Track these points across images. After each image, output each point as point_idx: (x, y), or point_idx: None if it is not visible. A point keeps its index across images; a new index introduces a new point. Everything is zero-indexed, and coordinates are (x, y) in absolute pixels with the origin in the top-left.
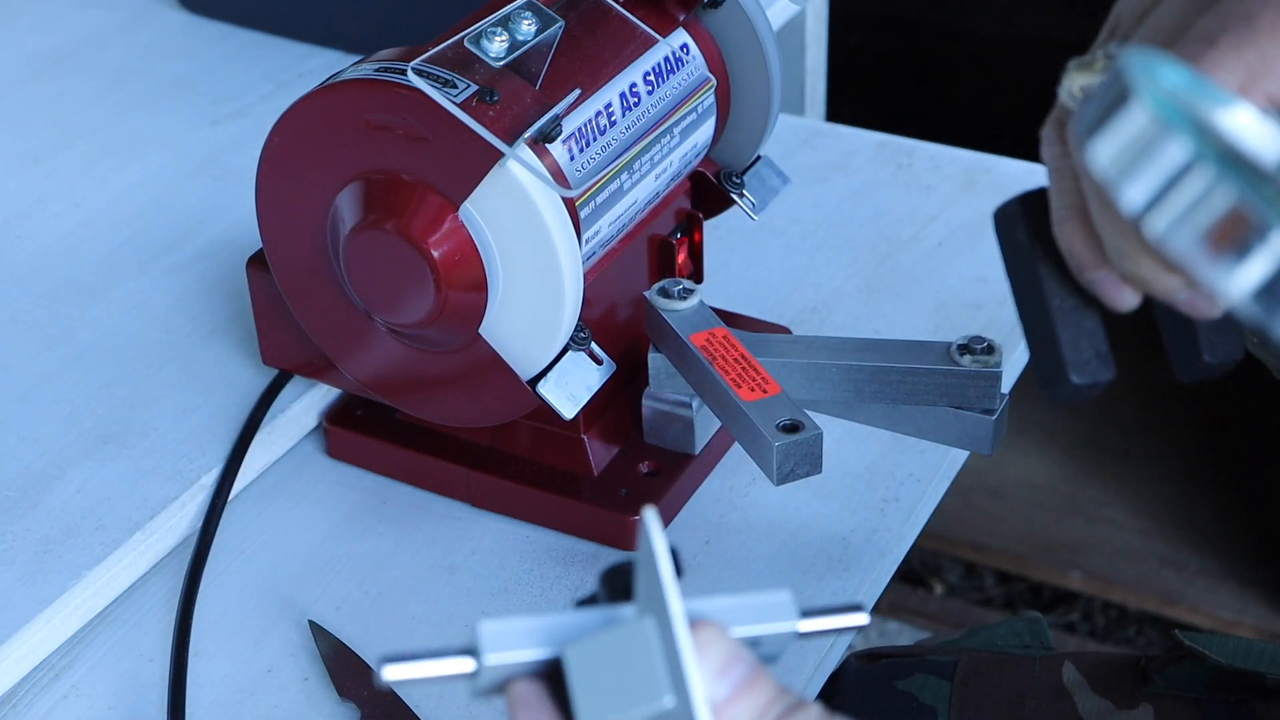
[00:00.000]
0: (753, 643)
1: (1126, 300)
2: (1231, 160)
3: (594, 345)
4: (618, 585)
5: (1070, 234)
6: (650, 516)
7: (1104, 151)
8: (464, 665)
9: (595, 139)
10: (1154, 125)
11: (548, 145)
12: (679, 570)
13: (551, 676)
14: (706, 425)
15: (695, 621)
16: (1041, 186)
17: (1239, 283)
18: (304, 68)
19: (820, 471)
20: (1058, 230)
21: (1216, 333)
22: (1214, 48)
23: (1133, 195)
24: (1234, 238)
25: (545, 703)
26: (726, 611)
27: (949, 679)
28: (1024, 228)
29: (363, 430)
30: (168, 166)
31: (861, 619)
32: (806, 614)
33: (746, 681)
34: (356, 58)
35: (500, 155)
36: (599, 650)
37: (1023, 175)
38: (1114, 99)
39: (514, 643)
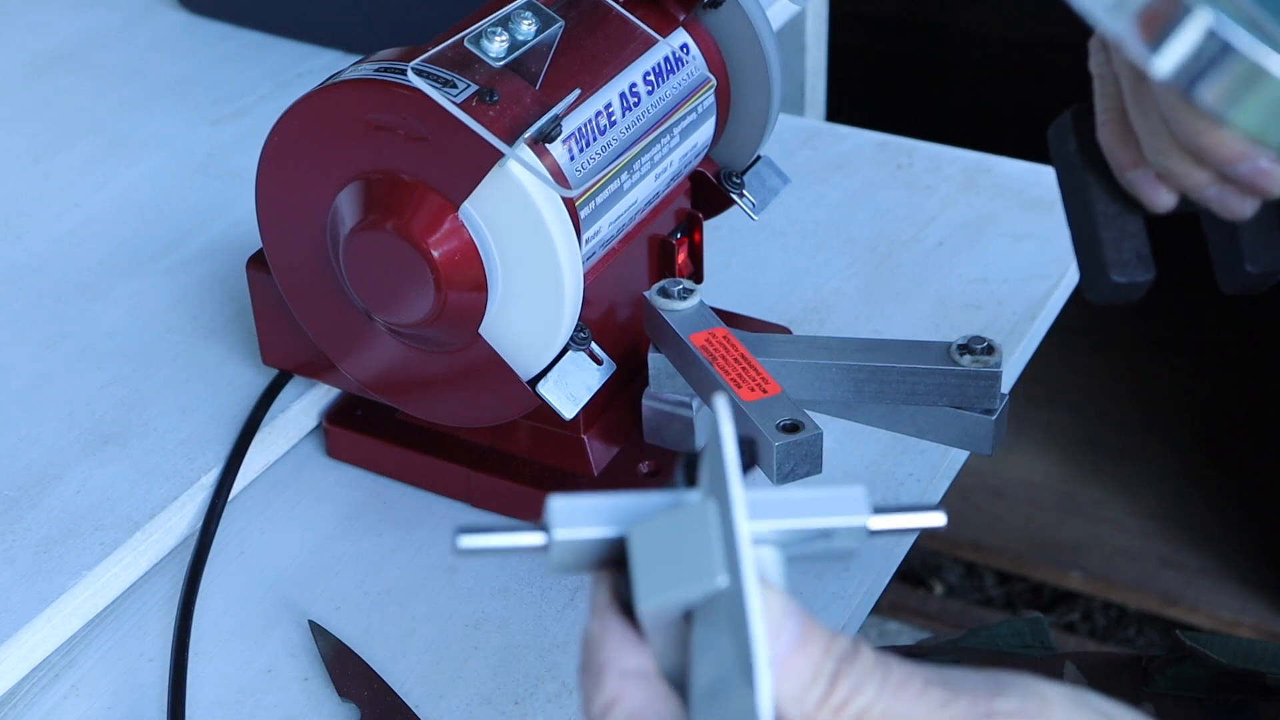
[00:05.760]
0: (824, 534)
1: (1163, 199)
2: None
3: (594, 345)
4: (695, 474)
5: (1111, 135)
6: (721, 403)
7: None
8: (535, 539)
9: (595, 139)
10: None
11: (548, 145)
12: (751, 461)
13: (621, 560)
14: (706, 425)
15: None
16: (1090, 102)
17: (1165, 61)
18: (304, 68)
19: (820, 471)
20: (1100, 133)
21: (1259, 242)
22: None
23: None
24: (1162, 20)
25: (613, 608)
26: (796, 503)
27: None
28: (1073, 138)
29: (363, 430)
30: (168, 166)
31: (939, 519)
32: (880, 510)
33: (800, 638)
34: (356, 58)
35: (500, 155)
36: (660, 530)
37: (1023, 175)
38: None
39: (582, 520)
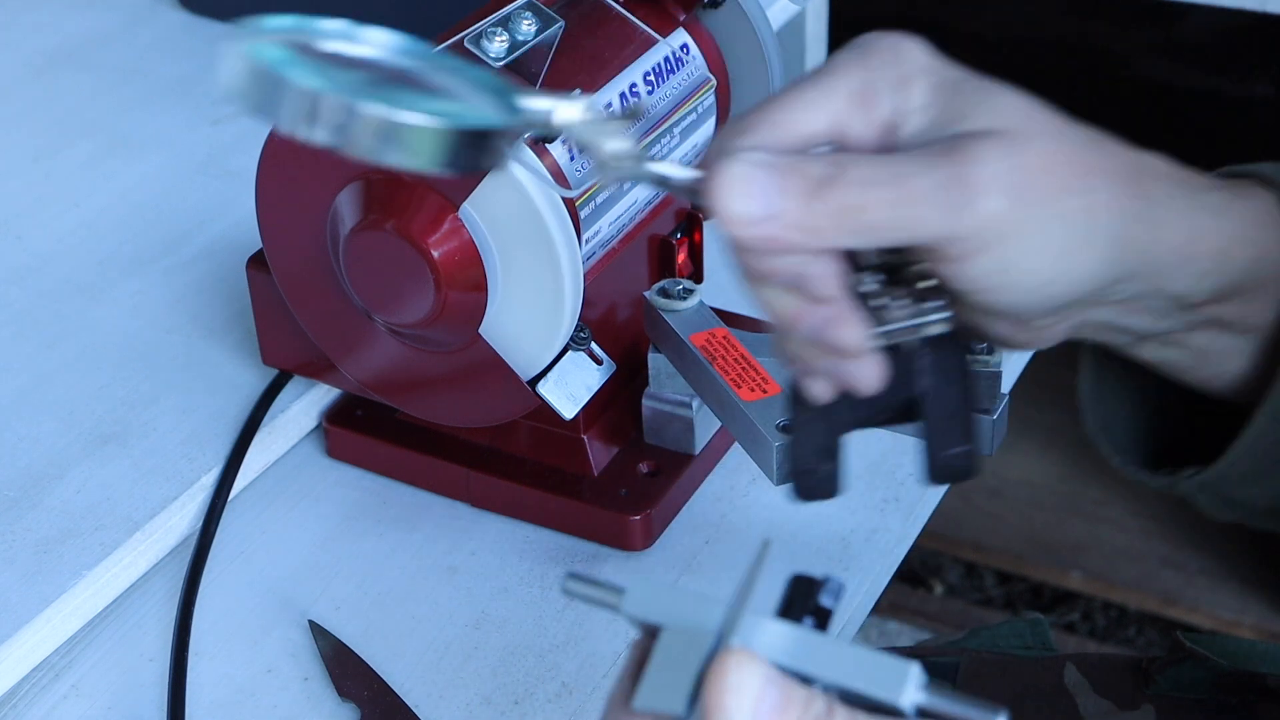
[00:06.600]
0: (845, 693)
1: (818, 389)
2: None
3: (594, 345)
4: (796, 595)
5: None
6: (767, 549)
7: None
8: (614, 603)
9: None
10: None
11: (548, 145)
12: (831, 617)
13: None
14: (706, 425)
15: (734, 650)
16: None
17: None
18: None
19: None
20: None
21: (942, 432)
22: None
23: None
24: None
25: (632, 677)
26: (843, 658)
27: (951, 680)
28: None
29: (363, 430)
30: (168, 166)
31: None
32: (934, 692)
33: (780, 706)
34: None
35: None
36: (674, 643)
37: None
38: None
39: (646, 606)
